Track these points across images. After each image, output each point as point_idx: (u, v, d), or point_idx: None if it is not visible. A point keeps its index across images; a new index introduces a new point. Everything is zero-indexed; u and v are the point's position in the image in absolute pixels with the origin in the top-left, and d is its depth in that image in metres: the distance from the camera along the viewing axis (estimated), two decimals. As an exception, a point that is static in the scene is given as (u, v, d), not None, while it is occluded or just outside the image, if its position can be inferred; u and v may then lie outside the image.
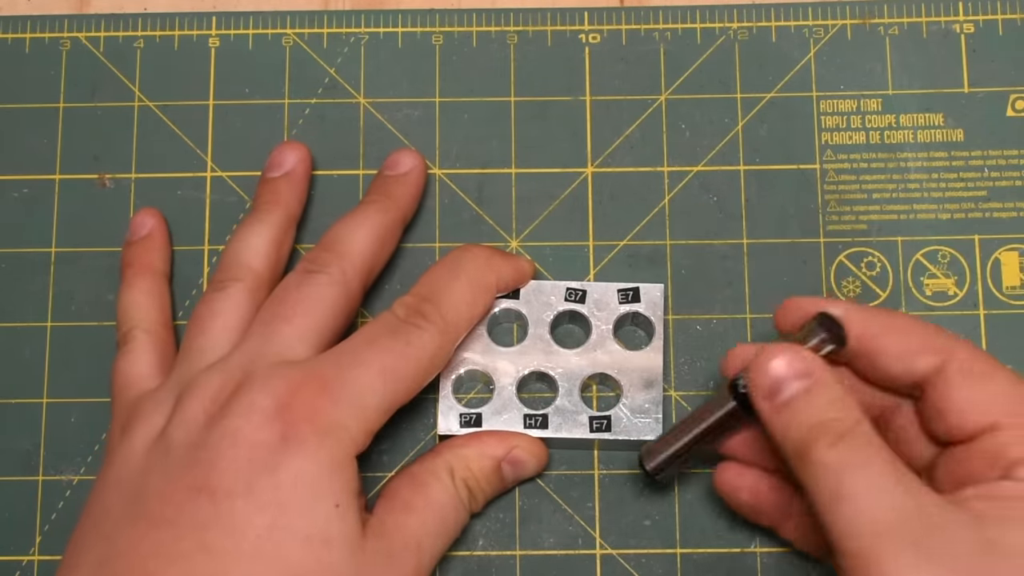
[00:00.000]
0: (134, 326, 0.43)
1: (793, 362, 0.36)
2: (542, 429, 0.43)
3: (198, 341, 0.41)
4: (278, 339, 0.39)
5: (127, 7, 0.49)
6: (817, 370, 0.36)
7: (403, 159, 0.45)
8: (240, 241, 0.43)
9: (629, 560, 0.43)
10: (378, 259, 0.43)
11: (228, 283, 0.42)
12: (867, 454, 0.34)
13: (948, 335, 0.37)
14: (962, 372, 0.36)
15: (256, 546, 0.36)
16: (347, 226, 0.43)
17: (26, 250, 0.46)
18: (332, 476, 0.37)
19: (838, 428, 0.34)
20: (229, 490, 0.36)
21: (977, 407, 0.35)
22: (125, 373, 0.42)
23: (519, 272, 0.44)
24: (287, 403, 0.37)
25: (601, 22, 0.48)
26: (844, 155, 0.46)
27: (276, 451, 0.37)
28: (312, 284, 0.41)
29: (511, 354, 0.43)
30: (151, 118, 0.47)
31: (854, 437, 0.34)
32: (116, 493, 0.38)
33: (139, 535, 0.36)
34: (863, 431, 0.34)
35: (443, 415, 0.43)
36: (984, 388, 0.35)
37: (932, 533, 0.32)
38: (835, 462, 0.34)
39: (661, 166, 0.47)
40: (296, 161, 0.45)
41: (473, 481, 0.41)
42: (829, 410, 0.35)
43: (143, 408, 0.40)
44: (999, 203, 0.46)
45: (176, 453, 0.37)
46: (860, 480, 0.33)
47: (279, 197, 0.44)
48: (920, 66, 0.47)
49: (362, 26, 0.48)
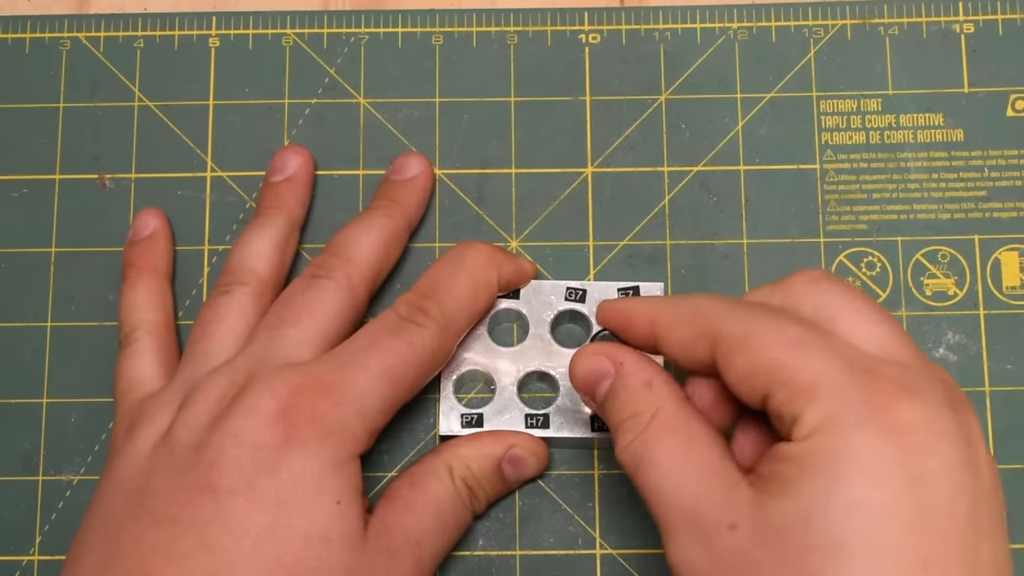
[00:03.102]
0: (136, 327, 0.43)
1: (593, 364, 0.37)
2: (543, 429, 0.43)
3: (203, 345, 0.41)
4: (283, 342, 0.40)
5: (127, 7, 0.49)
6: (622, 365, 0.37)
7: (410, 163, 0.45)
8: (244, 246, 0.43)
9: (629, 560, 0.43)
10: (384, 265, 0.43)
11: (233, 287, 0.42)
12: (658, 447, 0.35)
13: (722, 312, 0.35)
14: (728, 351, 0.35)
15: (256, 544, 0.36)
16: (354, 232, 0.43)
17: (26, 250, 0.46)
18: (334, 474, 0.37)
19: (635, 425, 0.36)
20: (230, 489, 0.36)
21: (746, 380, 0.34)
22: (128, 376, 0.43)
23: (520, 271, 0.44)
24: (290, 404, 0.37)
25: (601, 22, 0.48)
26: (844, 155, 0.47)
27: (278, 451, 0.37)
28: (318, 289, 0.41)
29: (512, 354, 0.43)
30: (151, 118, 0.47)
31: (647, 432, 0.35)
32: (119, 493, 0.38)
33: (141, 534, 0.36)
34: (660, 423, 0.35)
35: (444, 415, 0.43)
36: (749, 360, 0.34)
37: (710, 521, 0.33)
38: (631, 459, 0.35)
39: (661, 166, 0.47)
40: (298, 165, 0.45)
41: (473, 480, 0.42)
42: (629, 407, 0.36)
43: (147, 410, 0.40)
44: (999, 203, 0.46)
45: (179, 453, 0.38)
46: (652, 474, 0.35)
47: (281, 201, 0.45)
48: (920, 66, 0.47)
49: (362, 26, 0.48)
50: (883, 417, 0.32)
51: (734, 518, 0.33)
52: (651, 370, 0.37)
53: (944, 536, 0.31)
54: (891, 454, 0.31)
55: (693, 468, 0.34)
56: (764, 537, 0.32)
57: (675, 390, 0.36)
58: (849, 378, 0.32)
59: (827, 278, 0.36)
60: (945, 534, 0.31)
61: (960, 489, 0.32)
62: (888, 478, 0.31)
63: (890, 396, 0.32)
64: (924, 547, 0.31)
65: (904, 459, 0.31)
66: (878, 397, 0.32)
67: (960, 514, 0.31)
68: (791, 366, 0.33)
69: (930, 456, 0.31)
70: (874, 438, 0.31)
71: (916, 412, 0.32)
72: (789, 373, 0.33)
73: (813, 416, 0.32)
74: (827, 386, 0.32)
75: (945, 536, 0.31)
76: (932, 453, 0.32)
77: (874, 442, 0.31)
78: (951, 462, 0.32)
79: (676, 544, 0.34)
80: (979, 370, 0.45)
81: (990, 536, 0.32)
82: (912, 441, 0.32)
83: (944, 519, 0.31)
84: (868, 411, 0.32)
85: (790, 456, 0.32)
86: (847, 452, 0.31)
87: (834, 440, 0.32)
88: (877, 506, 0.31)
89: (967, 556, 0.31)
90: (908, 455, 0.31)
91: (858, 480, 0.31)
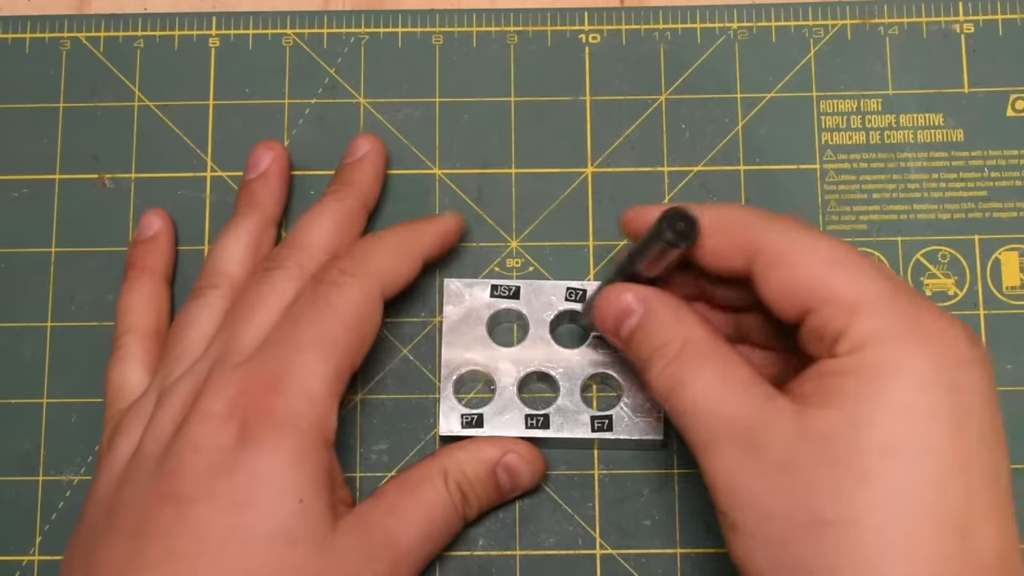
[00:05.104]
0: (127, 331, 0.44)
1: (623, 298, 0.39)
2: (544, 429, 0.43)
3: (176, 350, 0.42)
4: (239, 340, 0.40)
5: (127, 7, 0.49)
6: (646, 300, 0.38)
7: (360, 144, 0.45)
8: (217, 248, 0.44)
9: (629, 560, 0.43)
10: (340, 248, 0.43)
11: (205, 290, 0.43)
12: (694, 369, 0.36)
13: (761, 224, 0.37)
14: (768, 265, 0.36)
15: (220, 548, 0.36)
16: (304, 220, 0.43)
17: (26, 250, 0.46)
18: (294, 470, 0.37)
19: (668, 352, 0.37)
20: (191, 496, 0.36)
21: (785, 295, 0.36)
22: (114, 383, 0.43)
23: (443, 228, 0.44)
24: (237, 404, 0.37)
25: (601, 22, 0.48)
26: (844, 155, 0.47)
27: (234, 453, 0.37)
28: (269, 280, 0.41)
29: (512, 354, 0.43)
30: (151, 118, 0.47)
31: (681, 357, 0.37)
32: (99, 507, 0.39)
33: (114, 548, 0.37)
34: (692, 348, 0.37)
35: (444, 416, 0.43)
36: (789, 276, 0.35)
37: (755, 429, 0.34)
38: (666, 384, 0.37)
39: (661, 166, 0.47)
40: (270, 161, 0.45)
41: (467, 484, 0.41)
42: (659, 337, 0.37)
43: (125, 421, 0.41)
44: (999, 203, 0.46)
45: (147, 465, 0.38)
46: (688, 395, 0.36)
47: (254, 199, 0.45)
48: (920, 66, 0.47)
49: (362, 26, 0.48)
50: (924, 331, 0.34)
51: (777, 425, 0.34)
52: (676, 302, 0.38)
53: (974, 441, 0.33)
54: (933, 364, 0.33)
55: (730, 384, 0.36)
56: (810, 441, 0.33)
57: (702, 320, 0.38)
58: (891, 294, 0.34)
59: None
60: (975, 439, 0.33)
61: (986, 401, 0.34)
62: (932, 385, 0.33)
63: (929, 312, 0.34)
64: (962, 450, 0.33)
65: (944, 368, 0.33)
66: (916, 311, 0.34)
67: (986, 422, 0.34)
68: (833, 284, 0.35)
69: (962, 368, 0.34)
70: (917, 349, 0.33)
71: (948, 326, 0.34)
72: (832, 291, 0.35)
73: (858, 331, 0.34)
74: (869, 303, 0.34)
75: (975, 441, 0.33)
76: (963, 365, 0.34)
77: (918, 353, 0.33)
78: (980, 375, 0.34)
79: (717, 455, 0.35)
80: (979, 370, 0.45)
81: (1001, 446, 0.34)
82: (948, 353, 0.34)
83: (975, 425, 0.33)
84: (911, 325, 0.34)
85: (835, 371, 0.34)
86: (894, 362, 0.33)
87: (880, 352, 0.34)
88: (922, 410, 0.33)
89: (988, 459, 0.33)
90: (946, 365, 0.34)
91: (906, 387, 0.33)
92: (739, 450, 0.34)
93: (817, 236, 0.36)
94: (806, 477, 0.33)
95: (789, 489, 0.33)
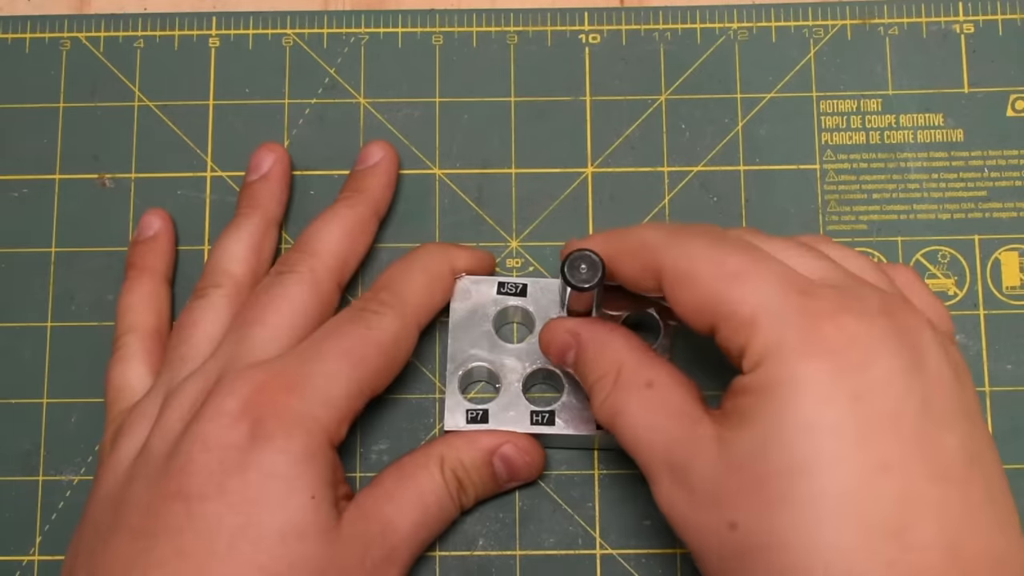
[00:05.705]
0: (127, 331, 0.44)
1: (557, 334, 0.40)
2: (549, 426, 0.43)
3: (180, 350, 0.42)
4: (250, 342, 0.40)
5: (127, 7, 0.49)
6: (577, 334, 0.39)
7: (372, 151, 0.45)
8: (220, 248, 0.44)
9: (629, 560, 0.43)
10: (351, 254, 0.43)
11: (208, 290, 0.43)
12: (625, 400, 0.37)
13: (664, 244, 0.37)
14: (672, 284, 0.36)
15: (230, 546, 0.36)
16: (316, 225, 0.43)
17: (26, 250, 0.46)
18: (305, 467, 0.37)
19: (605, 384, 0.38)
20: (201, 494, 0.36)
21: (694, 314, 0.35)
22: (116, 384, 0.43)
23: (477, 260, 0.44)
24: (252, 402, 0.38)
25: (601, 22, 0.48)
26: (844, 155, 0.47)
27: (246, 450, 0.37)
28: (281, 284, 0.41)
29: (518, 351, 0.43)
30: (151, 118, 0.47)
31: (616, 388, 0.37)
32: (104, 506, 0.39)
33: (120, 547, 0.37)
34: (624, 379, 0.37)
35: (450, 411, 0.43)
36: (693, 296, 0.35)
37: (682, 460, 0.35)
38: (607, 414, 0.37)
39: (661, 166, 0.47)
40: (272, 162, 0.45)
41: (463, 472, 0.41)
42: (596, 369, 0.38)
43: (130, 421, 0.41)
44: (999, 203, 0.46)
45: (155, 463, 0.38)
46: (627, 425, 0.37)
47: (256, 201, 0.45)
48: (920, 66, 0.47)
49: (362, 26, 0.48)
50: (820, 338, 0.33)
51: (701, 454, 0.34)
52: (605, 331, 0.39)
53: (899, 439, 0.32)
54: (831, 374, 0.32)
55: (658, 415, 0.36)
56: (730, 467, 0.33)
57: (633, 344, 0.38)
58: (785, 304, 0.34)
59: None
60: (899, 437, 0.32)
61: (906, 392, 0.33)
62: (831, 397, 0.32)
63: (825, 316, 0.33)
64: (880, 453, 0.32)
65: (843, 377, 0.33)
66: (814, 319, 0.33)
67: (910, 415, 0.33)
68: (731, 300, 0.34)
69: (868, 369, 0.33)
70: (814, 360, 0.33)
71: (851, 328, 0.33)
72: (730, 307, 0.34)
73: (756, 347, 0.33)
74: (765, 316, 0.34)
75: (900, 439, 0.32)
76: (870, 366, 0.33)
77: (814, 364, 0.33)
78: (890, 370, 0.33)
79: (658, 487, 0.36)
80: (979, 370, 0.45)
81: (952, 426, 0.33)
82: (849, 358, 0.33)
83: (893, 425, 0.32)
84: (805, 335, 0.33)
85: (743, 388, 0.34)
86: (791, 378, 0.33)
87: (777, 368, 0.33)
88: (826, 425, 0.32)
89: (927, 451, 0.32)
90: (847, 373, 0.33)
91: (804, 403, 0.32)
92: (672, 481, 0.35)
93: (720, 248, 0.35)
94: (731, 505, 0.33)
95: (718, 518, 0.33)
